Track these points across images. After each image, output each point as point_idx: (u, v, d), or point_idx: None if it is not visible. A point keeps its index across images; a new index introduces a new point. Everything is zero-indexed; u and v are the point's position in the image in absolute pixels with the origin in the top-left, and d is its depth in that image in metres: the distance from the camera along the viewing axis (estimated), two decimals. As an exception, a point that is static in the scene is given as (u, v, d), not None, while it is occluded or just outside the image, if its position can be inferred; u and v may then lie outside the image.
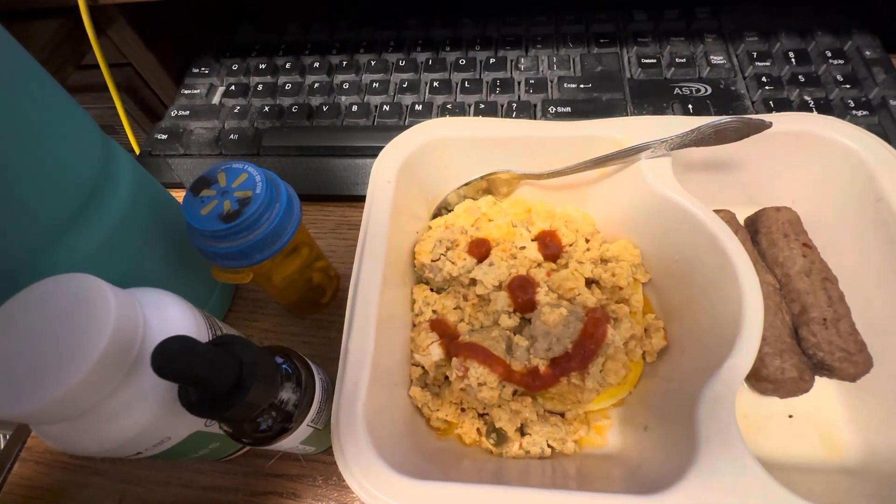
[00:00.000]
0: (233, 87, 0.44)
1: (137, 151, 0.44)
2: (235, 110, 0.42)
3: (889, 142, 0.33)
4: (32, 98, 0.20)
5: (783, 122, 0.27)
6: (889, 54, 0.38)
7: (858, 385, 0.25)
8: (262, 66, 0.45)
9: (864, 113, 0.35)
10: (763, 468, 0.19)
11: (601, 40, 0.43)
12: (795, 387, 0.24)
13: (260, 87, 0.43)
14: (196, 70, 0.46)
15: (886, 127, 0.34)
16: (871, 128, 0.34)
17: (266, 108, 0.42)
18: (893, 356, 0.24)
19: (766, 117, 0.25)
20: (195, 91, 0.44)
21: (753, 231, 0.30)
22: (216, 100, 0.44)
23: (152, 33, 0.46)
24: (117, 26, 0.44)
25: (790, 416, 0.26)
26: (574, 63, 0.42)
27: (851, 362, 0.24)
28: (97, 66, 0.42)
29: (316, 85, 0.43)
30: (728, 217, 0.30)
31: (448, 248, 0.29)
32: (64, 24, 0.42)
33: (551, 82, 0.41)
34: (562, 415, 0.27)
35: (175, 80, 0.48)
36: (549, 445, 0.26)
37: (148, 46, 0.46)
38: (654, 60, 0.41)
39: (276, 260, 0.24)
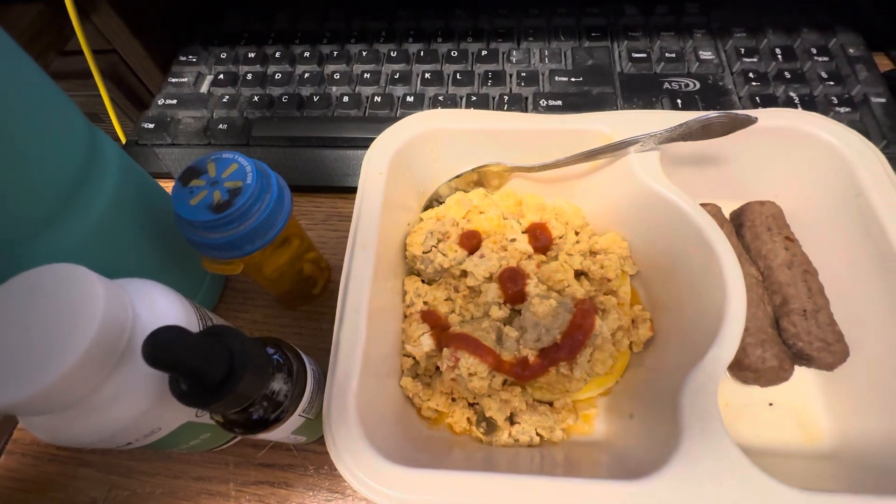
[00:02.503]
0: (221, 76, 0.43)
1: (123, 140, 0.44)
2: (224, 99, 0.41)
3: (869, 138, 0.34)
4: (14, 84, 0.19)
5: (768, 118, 0.28)
6: (871, 52, 0.39)
7: (835, 374, 0.26)
8: (252, 54, 0.44)
9: (847, 109, 0.36)
10: (743, 454, 0.20)
11: (592, 34, 0.43)
12: (776, 376, 0.25)
13: (249, 77, 0.43)
14: (183, 58, 0.45)
15: (867, 123, 0.35)
16: (852, 124, 0.35)
17: (255, 98, 0.41)
18: (868, 346, 0.25)
19: (751, 113, 0.25)
20: (183, 79, 0.43)
21: (738, 224, 0.31)
22: (204, 88, 0.43)
23: (138, 19, 0.45)
24: (102, 11, 0.43)
25: (770, 404, 0.27)
26: (565, 56, 0.42)
27: (829, 352, 0.25)
28: (81, 53, 0.41)
29: (306, 75, 0.42)
30: (714, 210, 0.30)
31: (439, 240, 0.29)
32: (46, 8, 0.41)
33: (543, 75, 0.41)
34: (550, 404, 0.27)
35: (162, 67, 0.47)
36: (537, 434, 0.26)
37: (133, 33, 0.44)
38: (644, 55, 0.41)
39: (266, 251, 0.24)
